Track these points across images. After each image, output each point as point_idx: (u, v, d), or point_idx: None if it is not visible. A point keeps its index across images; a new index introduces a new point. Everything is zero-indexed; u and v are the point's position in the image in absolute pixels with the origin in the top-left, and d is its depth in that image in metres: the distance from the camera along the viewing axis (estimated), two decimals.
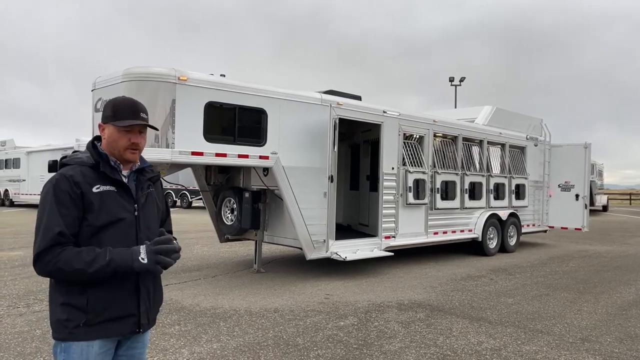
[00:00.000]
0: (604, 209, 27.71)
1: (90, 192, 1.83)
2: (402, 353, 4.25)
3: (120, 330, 1.90)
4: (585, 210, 11.63)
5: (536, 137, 11.72)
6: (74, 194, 1.81)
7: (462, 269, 8.46)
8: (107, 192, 1.87)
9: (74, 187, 1.81)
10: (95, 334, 1.83)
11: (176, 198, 23.74)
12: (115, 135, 1.92)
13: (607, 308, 5.98)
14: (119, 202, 1.89)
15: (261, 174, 7.19)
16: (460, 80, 28.99)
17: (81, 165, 1.88)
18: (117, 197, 1.89)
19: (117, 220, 1.87)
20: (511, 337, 4.74)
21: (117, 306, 1.87)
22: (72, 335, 1.82)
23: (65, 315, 1.82)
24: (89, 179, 1.85)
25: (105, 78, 6.26)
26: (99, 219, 1.83)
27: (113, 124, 1.91)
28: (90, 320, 1.82)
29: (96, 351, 1.85)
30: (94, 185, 1.85)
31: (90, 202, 1.82)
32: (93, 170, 1.88)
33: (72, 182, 1.81)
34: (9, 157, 24.34)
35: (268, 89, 6.72)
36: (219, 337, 4.56)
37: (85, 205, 1.82)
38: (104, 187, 1.87)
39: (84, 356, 1.83)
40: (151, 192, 2.04)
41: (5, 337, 4.47)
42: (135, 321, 1.93)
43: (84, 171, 1.87)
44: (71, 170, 1.85)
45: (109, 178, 1.89)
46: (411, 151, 8.64)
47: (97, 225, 1.83)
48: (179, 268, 7.86)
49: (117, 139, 1.92)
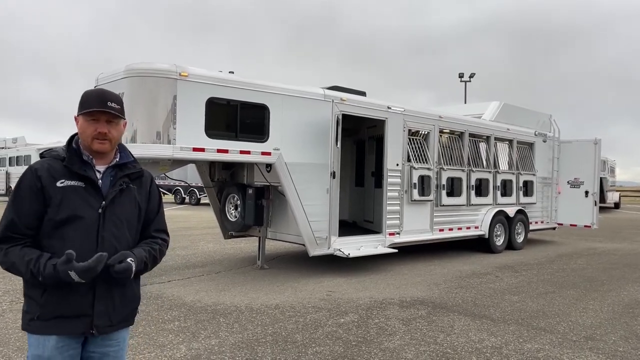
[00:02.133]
0: (616, 206, 27.36)
1: (52, 186, 1.82)
2: (401, 350, 4.21)
3: (72, 330, 1.85)
4: (594, 207, 11.47)
5: (545, 133, 11.57)
6: (34, 187, 1.81)
7: (467, 266, 8.38)
8: (72, 187, 1.84)
9: (36, 180, 1.81)
10: (47, 330, 1.82)
11: (185, 195, 23.84)
12: (83, 125, 1.90)
13: (614, 306, 5.88)
14: (83, 198, 1.85)
15: (264, 170, 7.17)
16: (470, 76, 28.74)
17: (54, 159, 1.87)
18: (82, 193, 1.86)
19: (77, 217, 1.83)
20: (513, 335, 4.67)
21: (70, 305, 1.83)
22: (29, 327, 1.83)
23: (26, 307, 1.85)
24: (56, 173, 1.83)
25: (108, 74, 6.27)
26: (58, 213, 1.81)
27: (80, 113, 1.90)
28: (44, 315, 1.82)
29: (53, 345, 1.83)
30: (59, 179, 1.83)
31: (50, 196, 1.81)
32: (63, 164, 1.87)
33: (35, 175, 1.82)
34: (20, 154, 24.62)
35: (270, 85, 6.69)
36: (218, 333, 4.55)
37: (45, 198, 1.81)
38: (69, 182, 1.84)
39: (40, 349, 1.83)
40: (128, 189, 1.97)
41: (6, 332, 4.49)
42: (88, 322, 1.86)
43: (53, 165, 1.85)
44: (39, 164, 1.86)
45: (75, 173, 1.87)
46: (416, 147, 8.57)
47: (57, 219, 1.81)
48: (183, 264, 7.88)
49: (85, 129, 1.89)
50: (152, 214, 2.09)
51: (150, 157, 5.93)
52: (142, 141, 5.84)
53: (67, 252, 1.71)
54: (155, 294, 5.93)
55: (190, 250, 9.48)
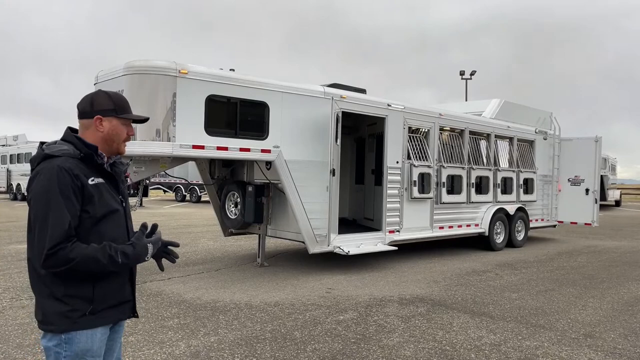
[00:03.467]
0: (617, 204, 27.34)
1: (87, 184, 1.84)
2: (400, 347, 4.21)
3: (120, 316, 1.99)
4: (595, 205, 11.46)
5: (545, 131, 11.56)
6: (75, 187, 1.80)
7: (467, 263, 8.39)
8: (101, 184, 1.90)
9: (74, 179, 1.80)
10: (98, 321, 1.89)
11: (185, 192, 23.86)
12: (119, 129, 1.97)
13: (613, 304, 5.88)
14: (110, 194, 1.93)
15: (263, 168, 7.17)
16: (471, 74, 28.68)
17: (70, 158, 1.85)
18: (108, 189, 1.93)
19: (112, 211, 1.92)
20: (512, 333, 4.68)
21: (118, 293, 1.95)
22: (77, 325, 1.83)
23: (69, 307, 1.82)
24: (84, 171, 1.86)
25: (107, 72, 6.27)
26: (98, 210, 1.85)
27: (119, 116, 1.97)
28: (95, 309, 1.87)
29: (99, 337, 1.90)
30: (89, 177, 1.86)
31: (91, 194, 1.84)
32: (82, 162, 1.87)
33: (71, 174, 1.80)
34: (21, 151, 24.63)
35: (270, 82, 6.68)
36: (217, 330, 4.56)
37: (85, 197, 1.83)
38: (97, 180, 1.89)
39: (89, 344, 1.86)
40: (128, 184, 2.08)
41: (6, 328, 4.51)
42: (132, 306, 2.04)
43: (76, 163, 1.86)
44: (67, 162, 1.82)
45: (99, 170, 1.91)
46: (416, 145, 8.56)
47: (97, 216, 1.86)
48: (183, 262, 7.89)
49: (120, 132, 1.98)
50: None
51: (150, 154, 5.93)
52: (141, 139, 5.84)
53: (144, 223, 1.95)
54: (155, 291, 5.94)
55: (190, 247, 9.49)
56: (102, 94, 1.99)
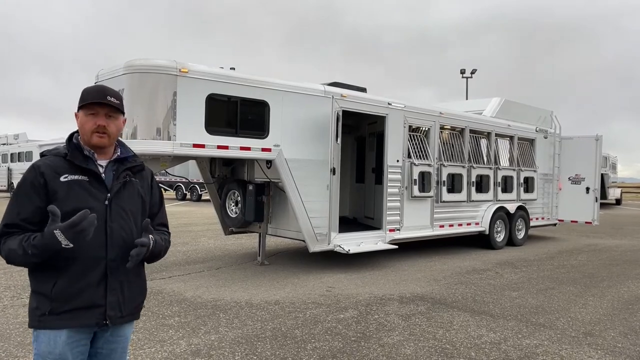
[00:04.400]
0: (617, 203, 27.33)
1: (56, 181, 1.85)
2: (400, 346, 4.22)
3: (86, 321, 1.87)
4: (595, 203, 11.47)
5: (546, 130, 11.55)
6: (37, 183, 1.84)
7: (467, 262, 8.39)
8: (76, 181, 1.88)
9: (38, 176, 1.85)
10: (60, 323, 1.83)
11: (186, 191, 23.87)
12: (83, 120, 1.94)
13: (613, 302, 5.89)
14: (88, 191, 1.89)
15: (264, 167, 7.17)
16: (471, 72, 28.64)
17: (56, 156, 1.92)
18: (87, 186, 1.89)
19: (83, 209, 1.82)
20: (512, 331, 4.69)
21: (82, 296, 1.85)
22: (40, 324, 1.84)
23: (35, 303, 1.85)
24: (58, 169, 1.87)
25: (108, 70, 6.28)
26: (64, 206, 1.80)
27: (80, 107, 1.94)
28: (55, 309, 1.82)
29: (64, 340, 1.84)
30: (63, 174, 1.87)
31: (55, 191, 1.84)
32: (66, 160, 1.90)
33: (37, 172, 1.85)
34: (22, 150, 24.67)
35: (270, 81, 6.69)
36: (218, 328, 4.57)
37: (49, 193, 1.84)
38: (72, 177, 1.88)
39: (52, 345, 1.83)
40: (131, 182, 2.00)
41: (7, 327, 4.52)
42: (101, 312, 1.88)
43: (55, 161, 1.89)
44: (41, 161, 1.90)
45: (79, 167, 1.90)
46: (417, 143, 8.56)
47: (62, 213, 1.80)
48: (184, 260, 7.90)
49: (84, 123, 1.93)
50: (154, 208, 2.13)
51: (151, 153, 5.94)
52: (142, 137, 5.85)
53: (50, 207, 1.72)
54: (156, 289, 5.95)
55: (191, 246, 9.50)
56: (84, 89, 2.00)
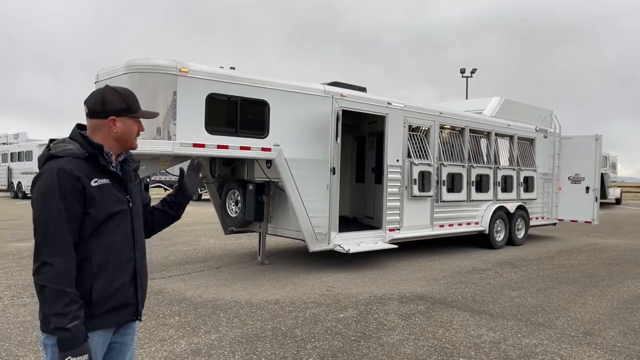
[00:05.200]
0: (617, 202, 27.33)
1: (89, 185, 1.80)
2: (400, 345, 4.23)
3: (120, 320, 1.92)
4: (595, 203, 11.47)
5: (546, 129, 11.55)
6: (76, 190, 1.76)
7: (467, 261, 8.40)
8: (105, 184, 1.86)
9: (76, 182, 1.77)
10: (97, 324, 1.83)
11: None
12: (131, 126, 1.96)
13: (613, 302, 5.90)
14: (114, 195, 1.89)
15: (264, 166, 7.18)
16: (471, 71, 28.63)
17: (75, 158, 1.82)
18: (112, 190, 1.88)
19: (116, 213, 1.87)
20: (512, 330, 4.69)
21: (119, 296, 1.89)
22: None
23: None
24: (86, 172, 1.81)
25: (108, 70, 6.28)
26: (100, 212, 1.81)
27: (132, 116, 1.95)
28: (94, 312, 1.81)
29: (96, 342, 1.84)
30: (92, 178, 1.82)
31: (92, 197, 1.80)
32: (87, 162, 1.83)
33: (73, 176, 1.76)
34: (22, 149, 24.65)
35: (270, 81, 6.69)
36: (218, 328, 4.58)
37: (86, 199, 1.79)
38: (100, 180, 1.84)
39: None
40: (138, 182, 2.06)
41: (7, 326, 4.53)
42: (134, 310, 1.96)
43: (79, 164, 1.81)
44: (69, 164, 1.79)
45: (104, 170, 1.87)
46: (417, 143, 8.57)
47: (99, 218, 1.82)
48: (184, 260, 7.91)
49: (132, 130, 1.97)
50: (147, 198, 2.21)
51: (151, 153, 5.94)
52: (142, 137, 5.81)
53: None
54: (156, 288, 5.96)
55: (191, 245, 9.51)
56: (112, 92, 1.93)
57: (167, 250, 8.87)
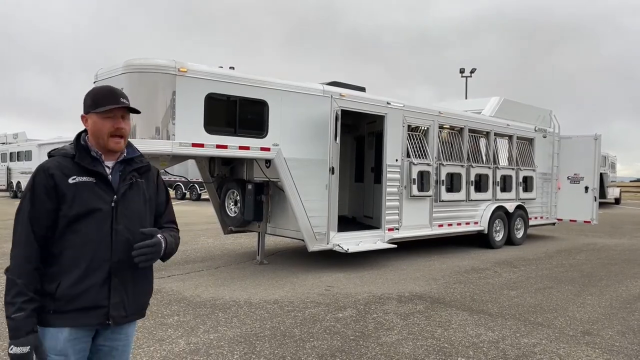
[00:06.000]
0: (616, 202, 27.36)
1: (65, 183, 1.85)
2: (398, 345, 4.23)
3: (88, 321, 1.88)
4: (594, 202, 11.48)
5: (545, 129, 11.56)
6: (48, 186, 1.84)
7: (466, 261, 8.41)
8: (84, 182, 1.88)
9: (49, 178, 1.84)
10: (62, 322, 1.85)
11: (185, 190, 23.88)
12: (98, 124, 1.91)
13: (612, 301, 5.91)
14: (95, 193, 1.89)
15: (263, 166, 7.18)
16: (470, 71, 28.66)
17: (63, 157, 1.91)
18: (94, 188, 1.89)
19: (91, 211, 1.87)
20: (510, 330, 4.70)
21: (86, 297, 1.86)
22: (43, 322, 1.84)
23: (41, 303, 1.84)
24: (66, 170, 1.87)
25: (107, 70, 6.28)
26: (72, 209, 1.85)
27: (95, 111, 1.91)
28: (59, 308, 1.84)
29: (65, 337, 1.85)
30: (71, 176, 1.87)
31: (63, 193, 1.85)
32: (73, 161, 1.90)
33: (47, 174, 1.85)
34: (21, 149, 24.65)
35: (269, 80, 6.70)
36: (217, 327, 4.58)
37: (58, 196, 1.84)
38: (80, 178, 1.88)
39: (54, 342, 1.85)
40: (137, 183, 2.00)
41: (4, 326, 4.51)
42: (104, 313, 1.89)
43: (63, 162, 1.89)
44: (50, 162, 1.89)
45: (85, 169, 1.90)
46: (416, 143, 8.57)
47: (71, 215, 1.85)
48: (183, 259, 7.91)
49: (101, 127, 1.91)
50: (161, 207, 2.13)
51: (150, 152, 5.93)
52: (141, 137, 5.85)
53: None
54: (155, 288, 5.90)
55: (190, 245, 9.51)
56: (89, 91, 1.98)
57: None
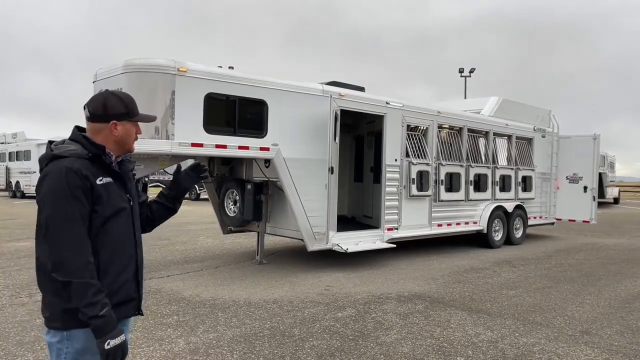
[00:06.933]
0: (615, 202, 27.38)
1: (97, 184, 1.87)
2: (397, 344, 4.24)
3: (124, 314, 1.97)
4: (593, 202, 11.49)
5: (544, 129, 11.57)
6: (85, 187, 1.82)
7: (465, 261, 8.41)
8: (110, 183, 1.92)
9: (84, 180, 1.82)
10: None
11: None
12: (130, 130, 2.03)
13: (610, 301, 5.92)
14: (118, 193, 1.95)
15: (262, 166, 7.19)
16: (470, 71, 28.67)
17: (78, 158, 1.86)
18: (115, 188, 1.95)
19: (120, 210, 1.94)
20: (509, 329, 4.71)
21: (124, 291, 1.95)
22: (81, 323, 1.81)
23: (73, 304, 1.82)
24: (92, 171, 1.87)
25: (106, 70, 6.28)
26: (106, 210, 1.87)
27: (131, 120, 2.02)
28: None
29: None
30: (98, 177, 1.88)
31: (99, 194, 1.86)
32: (90, 162, 1.89)
33: (81, 175, 1.82)
34: (20, 149, 24.62)
35: (268, 80, 6.70)
36: (216, 327, 4.58)
37: (94, 197, 1.85)
38: (105, 179, 1.91)
39: (90, 341, 1.83)
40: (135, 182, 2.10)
41: (6, 326, 4.53)
42: (136, 304, 2.02)
43: (84, 164, 1.86)
44: (74, 163, 1.83)
45: (108, 170, 1.93)
46: (415, 142, 8.58)
47: (105, 216, 1.87)
48: (182, 259, 7.91)
49: (131, 133, 2.04)
50: (143, 196, 2.27)
51: (149, 152, 5.95)
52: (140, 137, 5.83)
53: None
54: (154, 288, 5.96)
55: (189, 245, 9.51)
56: (114, 97, 2.00)
57: (165, 249, 8.87)
